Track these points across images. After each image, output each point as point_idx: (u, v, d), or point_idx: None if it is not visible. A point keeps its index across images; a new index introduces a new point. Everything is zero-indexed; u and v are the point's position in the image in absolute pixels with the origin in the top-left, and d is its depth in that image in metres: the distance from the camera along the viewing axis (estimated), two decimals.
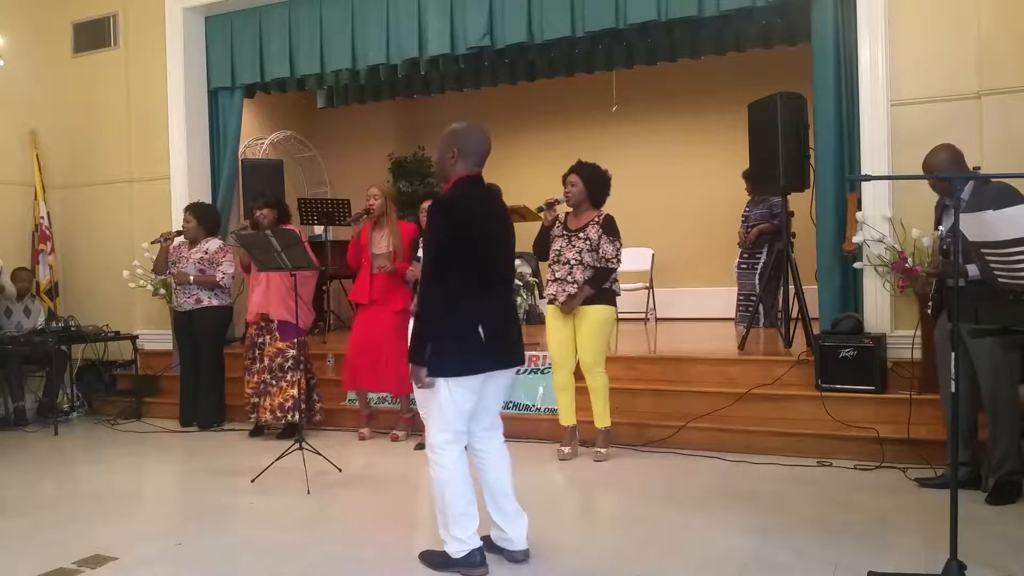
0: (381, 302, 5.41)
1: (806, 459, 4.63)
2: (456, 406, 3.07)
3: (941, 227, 4.06)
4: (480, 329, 3.05)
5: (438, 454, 3.08)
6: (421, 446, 5.33)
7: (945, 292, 3.98)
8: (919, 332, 4.63)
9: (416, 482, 4.54)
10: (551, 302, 4.80)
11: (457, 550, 3.08)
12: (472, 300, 3.07)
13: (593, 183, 4.76)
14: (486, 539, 3.22)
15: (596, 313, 4.69)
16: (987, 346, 3.70)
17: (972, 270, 3.80)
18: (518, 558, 3.22)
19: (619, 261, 4.72)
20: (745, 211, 7.23)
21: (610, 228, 4.71)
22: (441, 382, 3.06)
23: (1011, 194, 3.62)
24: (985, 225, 2.73)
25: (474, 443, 3.27)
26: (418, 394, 3.86)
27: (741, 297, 7.30)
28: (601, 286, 4.68)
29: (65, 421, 6.62)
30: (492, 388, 3.20)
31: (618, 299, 4.86)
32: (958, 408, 2.96)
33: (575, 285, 4.66)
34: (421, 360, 3.01)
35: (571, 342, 4.79)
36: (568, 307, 4.67)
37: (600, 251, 4.66)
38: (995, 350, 3.69)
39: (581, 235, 4.72)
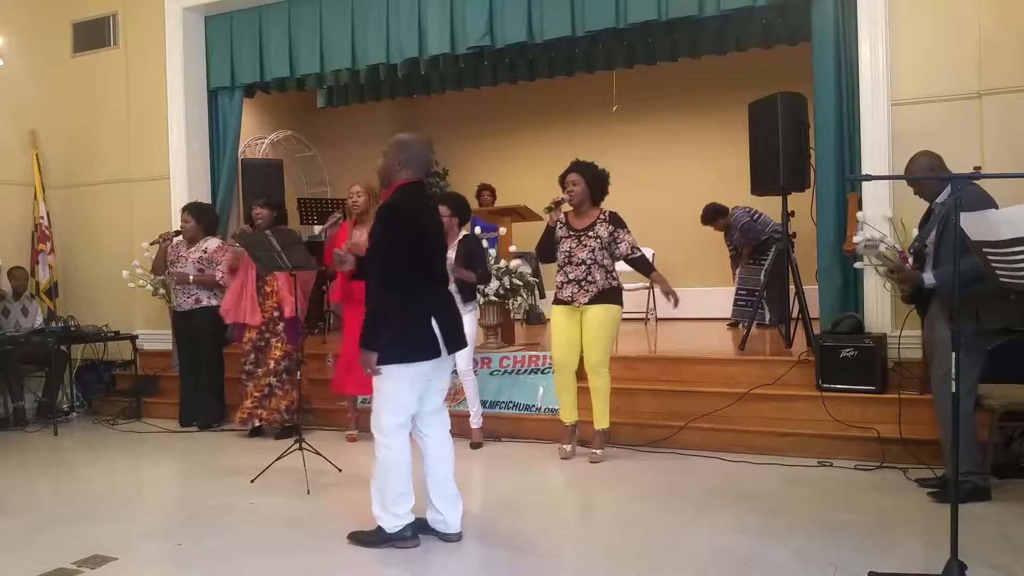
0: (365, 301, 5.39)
1: (806, 459, 4.63)
2: (411, 391, 3.35)
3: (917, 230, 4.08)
4: (433, 318, 3.36)
5: (388, 437, 3.35)
6: None
7: (927, 294, 3.97)
8: (908, 331, 4.62)
9: (413, 481, 4.52)
10: (568, 303, 4.76)
11: (393, 525, 3.37)
12: (422, 293, 3.36)
13: (594, 181, 4.77)
14: (421, 520, 3.47)
15: (605, 312, 4.69)
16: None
17: (928, 279, 3.80)
18: (452, 539, 3.48)
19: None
20: (726, 242, 7.86)
21: (619, 222, 4.78)
22: (397, 369, 3.29)
23: (985, 201, 3.59)
24: (987, 225, 2.73)
25: (420, 427, 3.52)
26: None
27: (743, 292, 7.32)
28: (653, 266, 4.86)
29: (65, 421, 6.62)
30: (440, 372, 3.49)
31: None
32: (958, 408, 2.95)
33: (596, 286, 4.68)
34: (376, 347, 3.25)
35: (578, 342, 4.78)
36: (675, 297, 4.65)
37: (623, 245, 4.74)
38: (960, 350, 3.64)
39: (591, 234, 4.72)
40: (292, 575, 3.22)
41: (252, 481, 4.52)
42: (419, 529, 3.45)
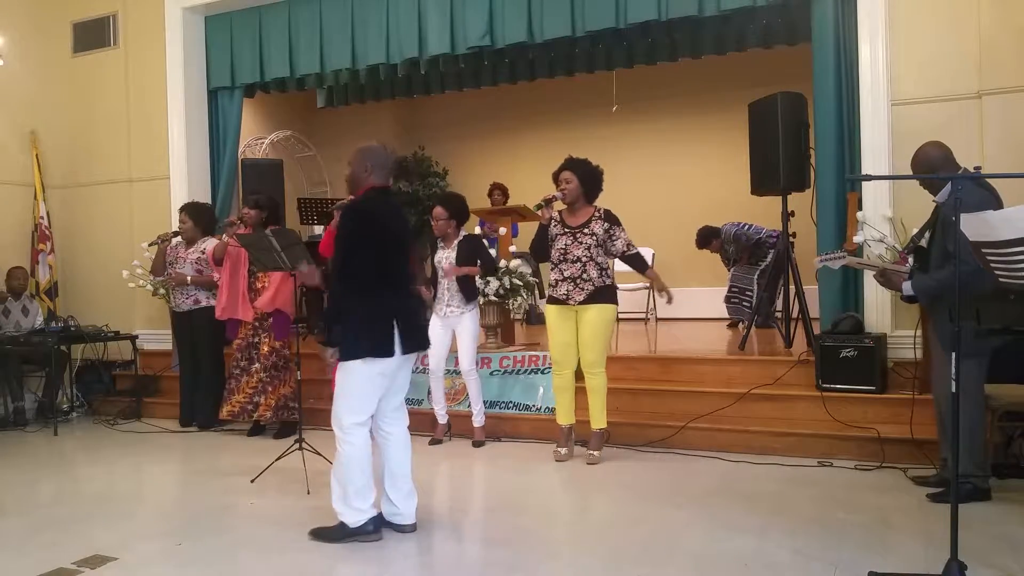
0: None
1: (806, 459, 4.63)
2: (373, 389, 3.46)
3: (915, 230, 4.09)
4: (396, 317, 3.47)
5: (348, 433, 3.45)
6: (436, 441, 5.37)
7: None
8: (919, 332, 4.62)
9: (413, 480, 4.53)
10: (563, 302, 4.75)
11: (356, 520, 3.46)
12: (385, 291, 3.48)
13: (587, 179, 4.75)
14: (378, 515, 3.57)
15: (600, 312, 4.69)
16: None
17: (907, 288, 3.81)
18: (407, 531, 3.61)
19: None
20: (723, 261, 7.85)
21: (615, 220, 4.78)
22: (360, 367, 3.40)
23: (986, 202, 3.58)
24: (986, 225, 2.73)
25: (382, 424, 3.63)
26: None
27: (735, 289, 7.34)
28: (648, 264, 4.90)
29: (65, 421, 6.62)
30: (403, 371, 3.61)
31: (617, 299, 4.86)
32: (958, 408, 2.95)
33: (591, 283, 4.67)
34: (333, 342, 3.41)
35: (574, 341, 4.78)
36: (669, 295, 4.78)
37: (619, 243, 4.74)
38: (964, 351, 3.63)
39: (586, 231, 4.72)
40: (292, 575, 3.22)
41: (252, 481, 4.52)
42: (380, 523, 3.55)
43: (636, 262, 4.81)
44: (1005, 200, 3.67)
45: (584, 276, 4.69)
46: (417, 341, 3.60)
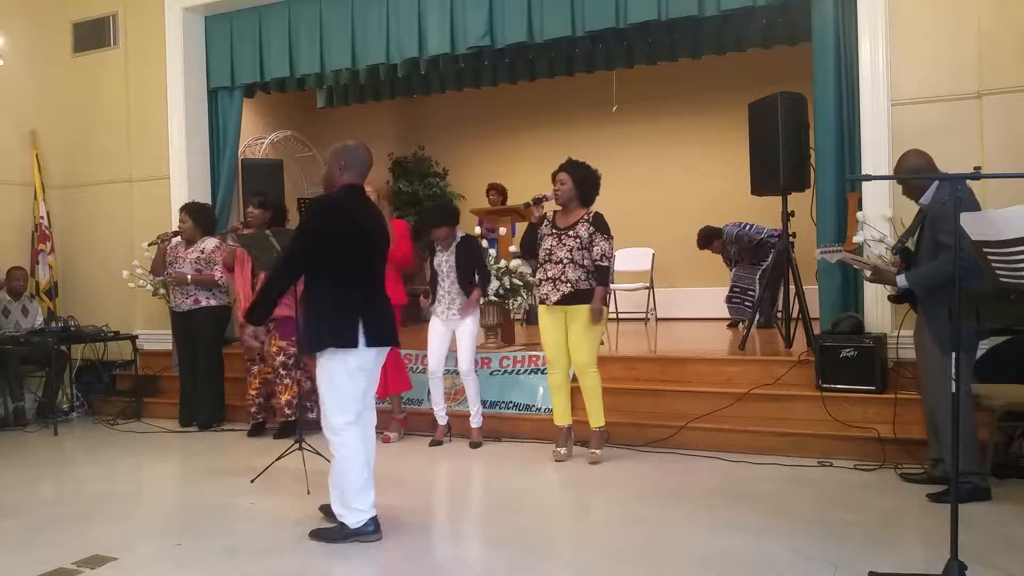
0: None
1: (806, 459, 4.63)
2: (354, 384, 3.45)
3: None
4: (359, 310, 3.44)
5: (341, 435, 3.45)
6: (437, 442, 5.37)
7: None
8: (903, 332, 4.62)
9: (413, 481, 4.54)
10: (543, 302, 4.78)
11: (356, 520, 3.47)
12: (350, 286, 3.46)
13: (582, 182, 4.74)
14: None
15: (586, 312, 4.67)
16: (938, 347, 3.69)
17: (901, 280, 3.83)
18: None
19: (614, 256, 4.76)
20: (724, 261, 7.81)
21: (601, 225, 4.70)
22: (337, 363, 3.41)
23: (971, 203, 3.59)
24: (987, 224, 2.72)
25: None
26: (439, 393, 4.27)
27: (737, 289, 7.34)
28: (607, 282, 4.70)
29: (65, 421, 6.62)
30: (376, 367, 3.59)
31: (617, 299, 4.86)
32: (958, 407, 2.94)
33: (569, 284, 4.66)
34: (259, 320, 3.53)
35: (564, 342, 4.78)
36: (597, 318, 4.63)
37: (595, 249, 4.65)
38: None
39: (571, 233, 4.70)
40: (292, 575, 3.22)
41: (252, 481, 4.52)
42: (379, 523, 3.53)
43: (600, 273, 4.66)
44: (1005, 200, 3.68)
45: (562, 278, 4.67)
46: (382, 335, 3.53)
